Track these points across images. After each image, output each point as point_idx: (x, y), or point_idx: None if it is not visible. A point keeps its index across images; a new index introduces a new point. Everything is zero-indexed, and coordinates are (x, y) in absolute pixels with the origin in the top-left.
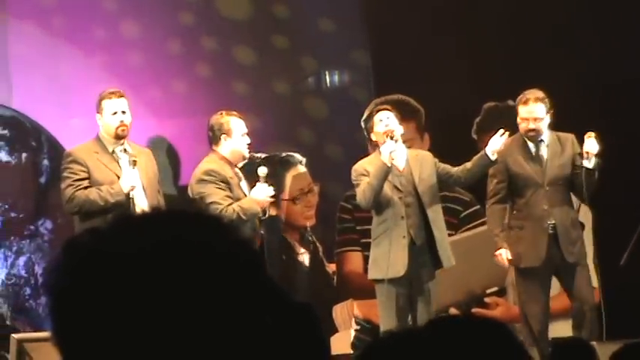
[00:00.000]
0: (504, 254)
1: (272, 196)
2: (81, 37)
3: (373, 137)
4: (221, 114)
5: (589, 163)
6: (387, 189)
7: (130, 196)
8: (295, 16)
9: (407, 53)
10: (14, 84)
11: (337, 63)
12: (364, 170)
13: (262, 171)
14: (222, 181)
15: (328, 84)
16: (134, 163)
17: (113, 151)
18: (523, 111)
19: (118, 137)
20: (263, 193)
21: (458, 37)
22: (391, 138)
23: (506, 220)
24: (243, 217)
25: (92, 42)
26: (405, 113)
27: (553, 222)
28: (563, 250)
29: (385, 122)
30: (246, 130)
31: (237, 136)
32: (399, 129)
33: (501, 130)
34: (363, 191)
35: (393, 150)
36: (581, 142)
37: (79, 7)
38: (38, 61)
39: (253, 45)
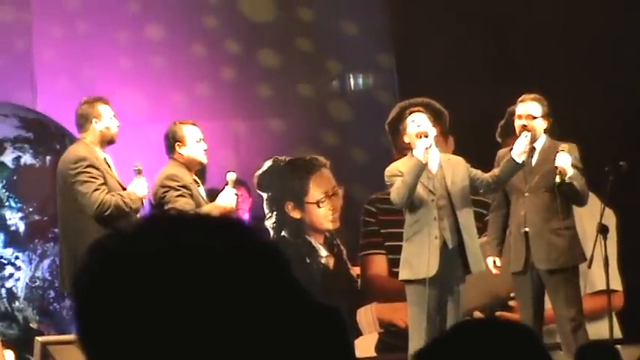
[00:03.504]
0: (490, 262)
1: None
2: (105, 40)
3: (406, 139)
4: (174, 123)
5: (558, 178)
6: (420, 190)
7: (143, 203)
8: (320, 20)
9: (431, 56)
10: (38, 87)
11: (362, 66)
12: (397, 171)
13: (231, 176)
14: (183, 187)
15: (352, 87)
16: (139, 172)
17: (105, 158)
18: (519, 108)
19: (113, 142)
20: (229, 198)
21: (482, 41)
22: (425, 137)
23: None
24: None
25: (116, 45)
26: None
27: (526, 229)
28: (533, 257)
29: (418, 123)
30: (201, 137)
31: (191, 143)
32: (432, 131)
33: (525, 132)
34: (397, 189)
35: (429, 146)
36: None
37: (103, 10)
38: (62, 64)
39: (278, 48)
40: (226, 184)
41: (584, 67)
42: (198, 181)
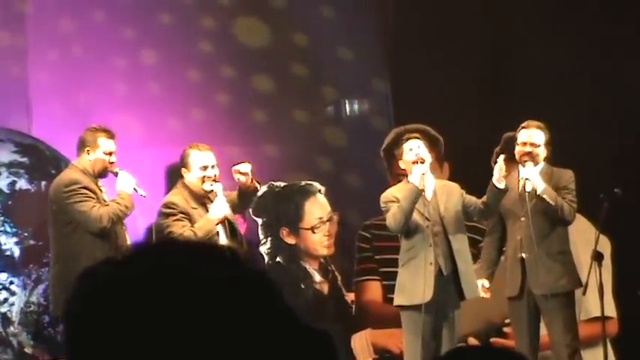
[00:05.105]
0: (478, 285)
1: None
2: (100, 65)
3: (402, 165)
4: (188, 146)
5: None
6: (416, 217)
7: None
8: (314, 45)
9: (426, 82)
10: (34, 112)
11: (357, 92)
12: (393, 197)
13: (218, 186)
14: (181, 212)
15: (348, 113)
16: (117, 174)
17: (97, 184)
18: (523, 135)
19: (101, 176)
20: (220, 208)
21: (477, 67)
22: (421, 163)
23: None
24: (198, 237)
25: (111, 70)
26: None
27: (523, 255)
28: (530, 281)
29: (415, 151)
30: (207, 164)
31: (194, 170)
32: (428, 158)
33: (500, 157)
34: (393, 215)
35: (425, 172)
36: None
37: (98, 35)
38: (57, 89)
39: (272, 74)
40: (214, 195)
41: (580, 95)
42: (208, 205)
